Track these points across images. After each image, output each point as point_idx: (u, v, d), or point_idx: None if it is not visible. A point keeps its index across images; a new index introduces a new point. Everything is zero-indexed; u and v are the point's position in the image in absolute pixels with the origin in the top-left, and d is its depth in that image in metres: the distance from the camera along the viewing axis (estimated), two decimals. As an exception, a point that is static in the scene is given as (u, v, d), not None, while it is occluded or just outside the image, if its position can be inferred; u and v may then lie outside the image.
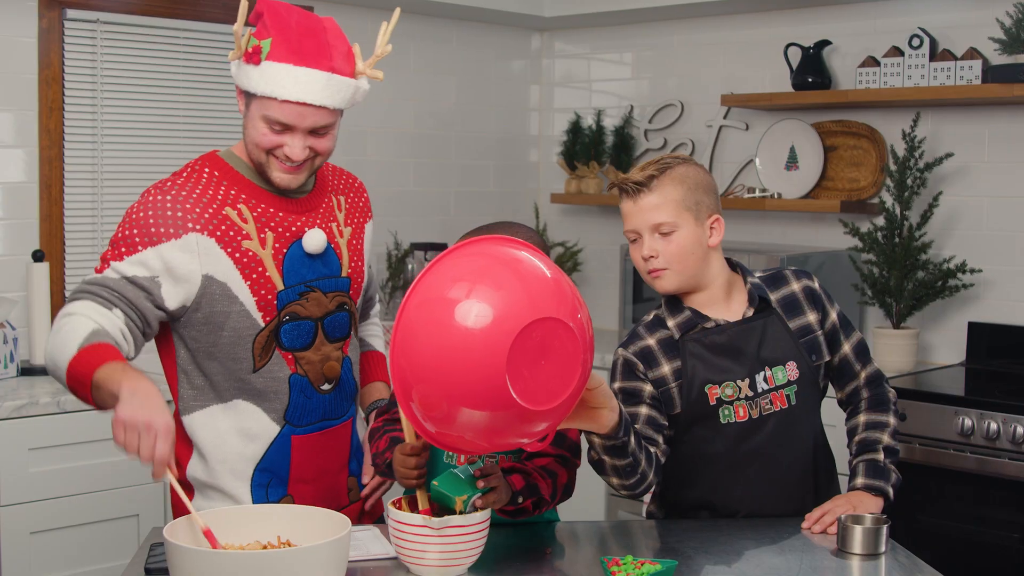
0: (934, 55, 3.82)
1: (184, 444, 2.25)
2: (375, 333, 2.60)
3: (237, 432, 2.20)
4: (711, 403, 2.21)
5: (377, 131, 4.50)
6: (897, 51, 3.89)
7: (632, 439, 2.02)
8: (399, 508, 1.93)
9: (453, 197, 4.77)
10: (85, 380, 2.00)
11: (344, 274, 2.30)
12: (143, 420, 1.83)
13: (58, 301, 3.67)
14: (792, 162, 4.21)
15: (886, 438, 2.30)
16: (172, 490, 2.16)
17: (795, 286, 2.31)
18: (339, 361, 2.27)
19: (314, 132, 2.15)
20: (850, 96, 3.93)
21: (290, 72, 2.09)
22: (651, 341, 2.26)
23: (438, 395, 1.65)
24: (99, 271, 2.14)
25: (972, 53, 3.73)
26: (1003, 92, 3.60)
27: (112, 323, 2.08)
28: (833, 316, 2.32)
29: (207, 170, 2.20)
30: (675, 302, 2.27)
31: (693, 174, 2.21)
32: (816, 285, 2.33)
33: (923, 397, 3.37)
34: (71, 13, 3.66)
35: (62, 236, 3.69)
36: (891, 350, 3.78)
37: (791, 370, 2.24)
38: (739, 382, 2.22)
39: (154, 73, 3.86)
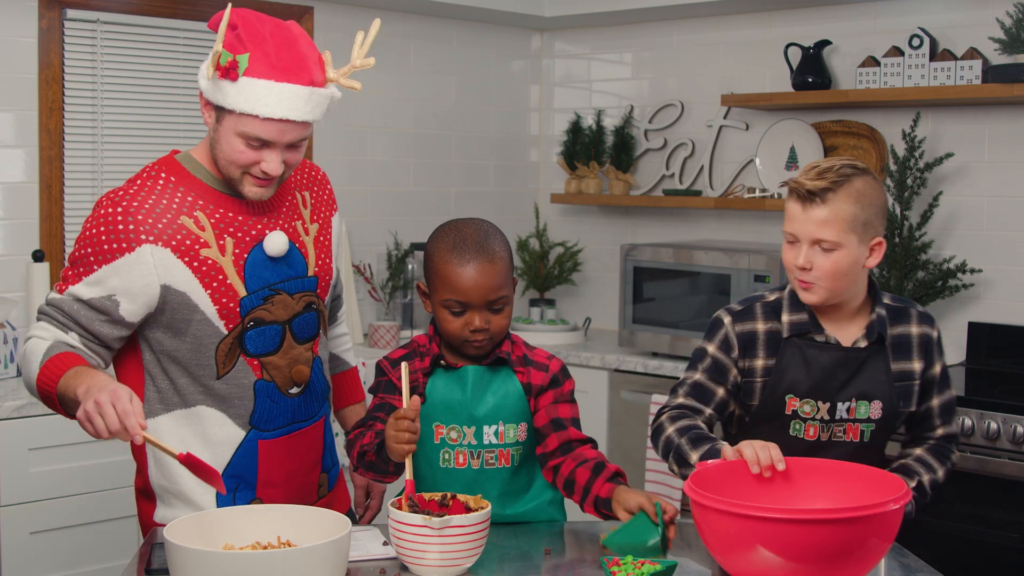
0: (934, 55, 3.82)
1: (142, 450, 2.21)
2: (346, 345, 2.54)
3: (201, 438, 2.16)
4: (787, 412, 2.20)
5: (377, 131, 4.50)
6: (897, 51, 3.89)
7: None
8: (399, 508, 1.93)
9: (453, 197, 4.77)
10: (52, 396, 2.04)
11: (311, 273, 2.25)
12: (103, 395, 1.86)
13: (58, 301, 3.68)
14: (792, 162, 4.21)
15: (927, 477, 2.26)
16: (141, 451, 2.21)
17: (913, 330, 2.27)
18: (308, 363, 2.24)
19: (291, 146, 2.10)
20: (850, 96, 3.93)
21: (272, 89, 2.02)
22: (760, 327, 2.22)
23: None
24: (59, 290, 2.13)
25: (972, 53, 3.73)
26: (1003, 92, 3.60)
27: (69, 341, 2.11)
28: (936, 369, 2.28)
29: (163, 175, 2.14)
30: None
31: (870, 192, 2.13)
32: (935, 335, 2.28)
33: (923, 397, 3.37)
34: (71, 13, 3.67)
35: (62, 236, 3.69)
36: (891, 350, 3.78)
37: (875, 409, 2.21)
38: (820, 403, 2.19)
39: (154, 73, 3.86)
